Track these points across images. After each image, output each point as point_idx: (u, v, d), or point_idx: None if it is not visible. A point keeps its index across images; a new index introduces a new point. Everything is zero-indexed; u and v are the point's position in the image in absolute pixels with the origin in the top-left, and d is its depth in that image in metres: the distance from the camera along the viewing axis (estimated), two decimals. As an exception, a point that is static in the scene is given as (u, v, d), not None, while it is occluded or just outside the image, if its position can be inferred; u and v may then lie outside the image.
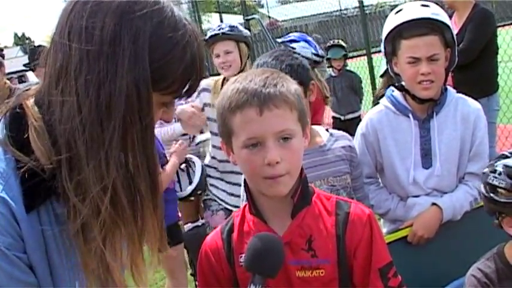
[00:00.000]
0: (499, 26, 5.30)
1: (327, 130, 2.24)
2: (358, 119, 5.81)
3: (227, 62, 3.46)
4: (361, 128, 2.41)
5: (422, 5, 2.24)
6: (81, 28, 1.02)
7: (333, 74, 6.50)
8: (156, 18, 1.06)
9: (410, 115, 2.30)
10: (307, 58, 4.25)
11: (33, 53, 5.71)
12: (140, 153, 1.07)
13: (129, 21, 1.03)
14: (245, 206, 1.52)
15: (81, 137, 1.01)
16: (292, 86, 1.43)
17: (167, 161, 3.43)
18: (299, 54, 4.19)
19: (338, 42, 6.77)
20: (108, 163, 1.02)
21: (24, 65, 5.97)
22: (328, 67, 6.61)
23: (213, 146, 3.56)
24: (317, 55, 4.36)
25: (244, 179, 1.48)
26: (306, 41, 4.40)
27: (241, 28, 3.63)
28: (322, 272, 1.41)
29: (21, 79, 10.89)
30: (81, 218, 1.03)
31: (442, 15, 2.21)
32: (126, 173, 1.06)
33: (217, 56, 3.51)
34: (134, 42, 1.03)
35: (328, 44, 6.61)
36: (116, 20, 1.02)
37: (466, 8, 4.42)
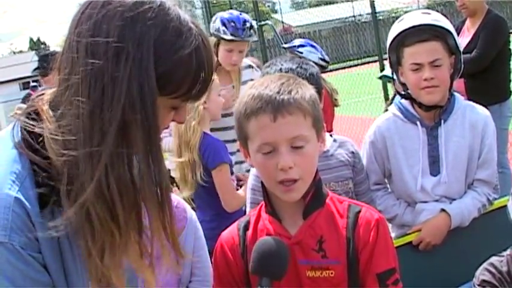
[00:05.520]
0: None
1: (330, 135, 2.27)
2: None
3: (238, 60, 3.46)
4: (369, 136, 2.42)
5: (423, 13, 2.28)
6: (87, 35, 1.06)
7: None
8: (160, 24, 1.08)
9: (418, 122, 2.31)
10: (314, 62, 4.31)
11: (44, 59, 5.81)
12: (145, 160, 1.07)
13: (133, 27, 1.05)
14: (261, 205, 1.56)
15: (81, 140, 1.03)
16: (307, 92, 1.46)
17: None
18: (306, 58, 4.27)
19: None
20: (106, 169, 1.03)
21: (35, 70, 6.05)
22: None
23: None
24: (323, 60, 4.43)
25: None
26: (312, 46, 4.46)
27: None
28: (332, 273, 1.43)
29: (38, 82, 11.00)
30: (68, 222, 1.04)
31: (443, 22, 2.23)
32: (127, 180, 1.06)
33: (230, 51, 3.45)
34: (138, 47, 1.05)
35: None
36: (121, 26, 1.05)
37: (479, 15, 4.43)
